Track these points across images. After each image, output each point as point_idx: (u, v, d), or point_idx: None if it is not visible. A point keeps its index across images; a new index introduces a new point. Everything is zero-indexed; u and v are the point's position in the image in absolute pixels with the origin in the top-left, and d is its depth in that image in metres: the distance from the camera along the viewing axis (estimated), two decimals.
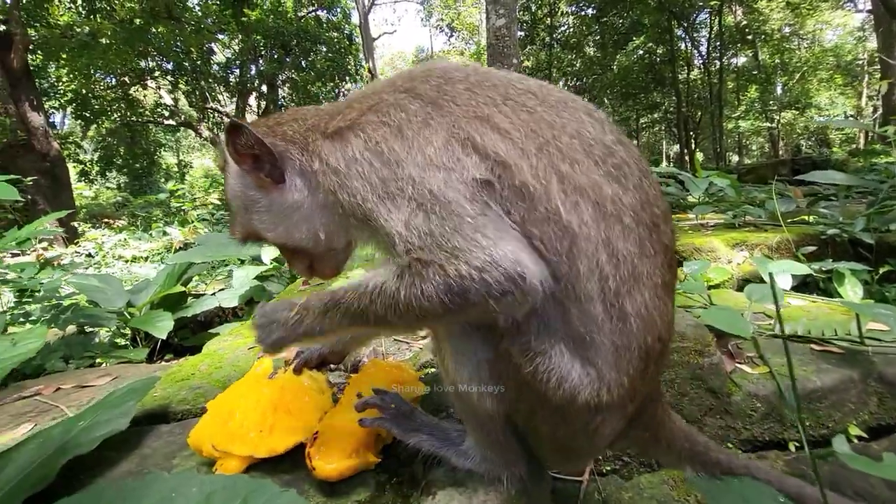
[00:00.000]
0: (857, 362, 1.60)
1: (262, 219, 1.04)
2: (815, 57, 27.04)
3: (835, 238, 3.35)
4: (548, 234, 0.83)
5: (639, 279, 0.87)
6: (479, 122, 0.86)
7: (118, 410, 1.21)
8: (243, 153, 0.98)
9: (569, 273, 0.84)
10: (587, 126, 0.91)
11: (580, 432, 0.94)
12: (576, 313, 0.86)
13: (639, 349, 0.89)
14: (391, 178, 0.84)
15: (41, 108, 11.26)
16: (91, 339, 3.05)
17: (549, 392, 0.87)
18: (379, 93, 0.95)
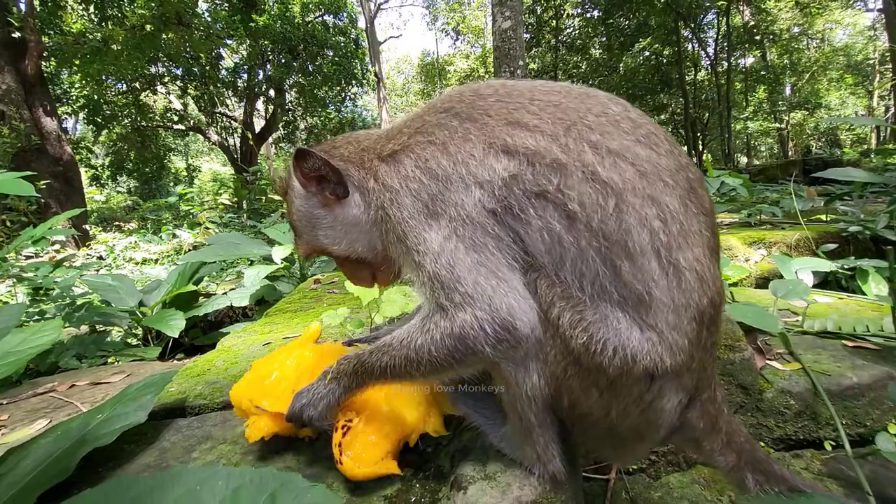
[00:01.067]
0: (894, 359, 1.54)
1: (328, 234, 1.14)
2: (825, 57, 26.75)
3: (856, 235, 3.28)
4: (587, 193, 0.87)
5: (688, 235, 0.89)
6: (511, 126, 0.94)
7: (136, 404, 1.19)
8: (309, 176, 1.08)
9: (618, 230, 0.86)
10: (611, 107, 0.97)
11: (635, 406, 0.91)
12: (629, 270, 0.87)
13: (695, 309, 0.89)
14: (438, 196, 0.93)
15: (54, 114, 11.41)
16: (104, 338, 3.04)
17: (604, 363, 0.86)
18: (422, 116, 1.05)
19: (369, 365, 0.98)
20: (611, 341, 0.86)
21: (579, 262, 0.89)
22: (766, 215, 4.70)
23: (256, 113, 21.46)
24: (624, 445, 1.02)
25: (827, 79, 27.31)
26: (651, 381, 0.89)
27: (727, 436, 1.03)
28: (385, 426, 1.01)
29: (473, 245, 0.90)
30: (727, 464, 1.02)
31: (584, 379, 0.89)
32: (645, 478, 1.41)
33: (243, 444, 1.16)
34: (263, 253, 3.93)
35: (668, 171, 0.91)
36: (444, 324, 0.89)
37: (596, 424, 0.96)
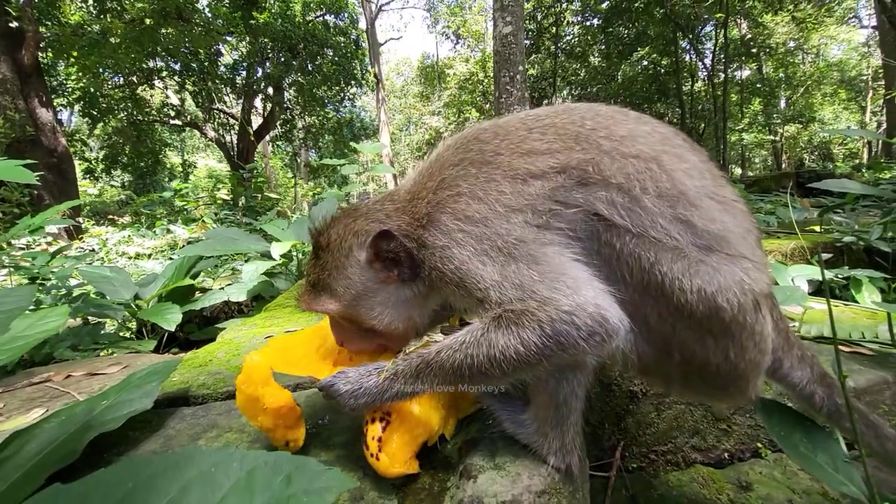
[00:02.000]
0: (889, 364, 1.57)
1: (372, 307, 1.10)
2: (820, 71, 27.18)
3: (851, 246, 3.34)
4: (625, 166, 0.95)
5: (717, 177, 1.01)
6: (525, 156, 1.01)
7: (141, 391, 1.18)
8: (381, 254, 1.06)
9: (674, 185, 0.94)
10: (598, 111, 1.09)
11: (750, 340, 0.95)
12: (699, 215, 0.93)
13: (754, 233, 1.00)
14: (484, 235, 0.96)
15: (50, 105, 11.31)
16: (99, 330, 3.02)
17: (721, 303, 0.89)
18: (439, 172, 1.08)
19: (437, 365, 0.95)
20: (721, 279, 0.90)
21: (656, 222, 0.92)
22: (762, 225, 4.76)
23: (254, 110, 21.37)
24: (745, 384, 1.02)
25: (821, 93, 27.74)
26: (758, 308, 0.95)
27: (800, 350, 1.11)
28: (416, 428, 1.00)
29: (534, 259, 0.92)
30: (802, 378, 1.10)
31: (696, 330, 0.92)
32: (644, 476, 1.43)
33: (250, 432, 1.16)
34: (261, 249, 3.92)
35: (673, 135, 1.05)
36: (529, 324, 0.88)
37: (715, 371, 0.97)
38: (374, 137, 28.21)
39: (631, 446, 1.47)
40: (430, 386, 0.97)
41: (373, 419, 1.01)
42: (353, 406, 0.99)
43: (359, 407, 0.99)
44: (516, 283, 0.90)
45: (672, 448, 1.45)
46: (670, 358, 0.96)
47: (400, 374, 0.98)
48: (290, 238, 4.04)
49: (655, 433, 1.45)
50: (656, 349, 0.95)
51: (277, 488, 0.69)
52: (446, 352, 0.94)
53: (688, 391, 1.09)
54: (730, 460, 1.46)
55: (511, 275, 0.91)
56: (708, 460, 1.46)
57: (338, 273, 1.11)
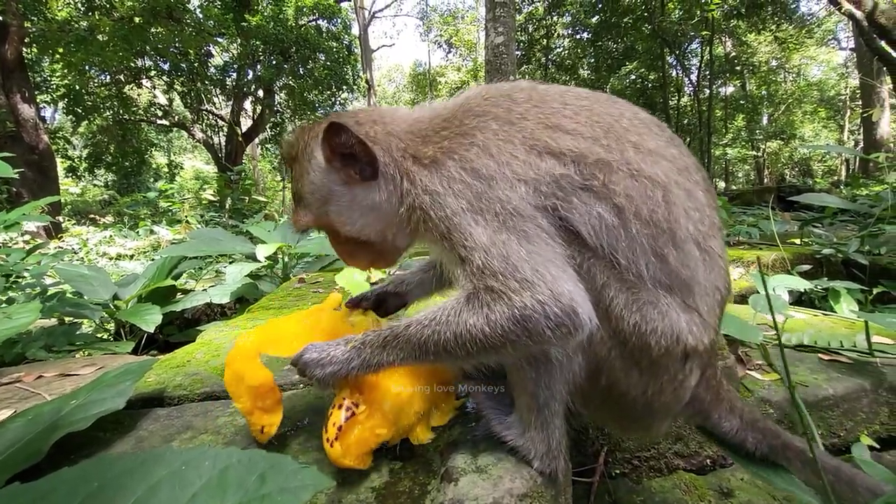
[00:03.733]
0: (867, 372, 1.60)
1: (341, 212, 1.10)
2: (800, 90, 28.02)
3: (829, 258, 3.41)
4: (633, 187, 0.93)
5: (713, 226, 1.00)
6: (550, 129, 0.98)
7: (114, 390, 1.14)
8: (336, 151, 1.05)
9: (667, 219, 0.93)
10: (638, 113, 1.07)
11: (669, 385, 0.97)
12: (676, 257, 0.94)
13: (721, 292, 1.00)
14: (485, 193, 0.93)
15: (33, 101, 11.09)
16: (75, 330, 2.93)
17: (652, 343, 0.91)
18: (460, 119, 1.04)
19: (405, 338, 0.94)
20: (661, 323, 0.91)
21: (630, 249, 0.93)
22: (744, 237, 4.85)
23: (244, 113, 21.20)
24: (652, 422, 1.06)
25: (801, 111, 28.56)
26: (686, 360, 0.96)
27: (729, 403, 1.11)
28: (381, 427, 0.97)
29: (526, 236, 0.90)
30: (732, 428, 1.10)
31: (627, 359, 0.94)
32: (628, 482, 1.42)
33: (226, 434, 1.13)
34: (246, 250, 3.86)
35: (695, 168, 1.03)
36: (499, 307, 0.87)
37: (632, 403, 1.00)
38: None
39: (614, 452, 1.46)
40: (396, 358, 0.96)
41: (339, 405, 0.99)
42: (320, 376, 0.97)
43: (325, 376, 0.97)
44: (503, 254, 0.89)
45: (655, 454, 1.45)
46: (598, 380, 0.97)
47: (367, 343, 0.97)
48: (275, 240, 3.99)
49: (639, 439, 1.45)
50: (589, 367, 0.96)
51: (251, 487, 0.67)
52: (415, 326, 0.94)
53: (601, 413, 1.12)
54: (712, 466, 1.46)
55: (500, 243, 0.89)
56: (690, 466, 1.46)
57: (305, 180, 1.12)
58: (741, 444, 1.10)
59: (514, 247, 0.89)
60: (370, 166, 1.05)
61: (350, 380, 0.99)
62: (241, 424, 1.17)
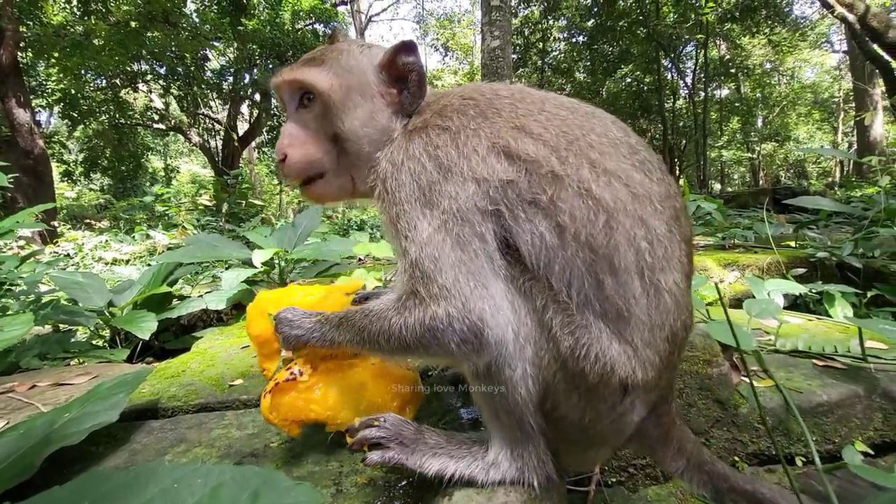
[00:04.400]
0: (861, 378, 1.60)
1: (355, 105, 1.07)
2: (794, 92, 28.20)
3: (824, 261, 3.42)
4: (579, 207, 0.90)
5: (671, 259, 0.94)
6: (517, 130, 0.96)
7: (107, 403, 1.13)
8: (395, 66, 1.07)
9: (605, 245, 0.89)
10: (613, 130, 1.02)
11: (607, 415, 0.95)
12: (612, 285, 0.90)
13: (669, 329, 0.94)
14: (437, 184, 0.94)
15: (28, 106, 11.04)
16: (69, 338, 2.91)
17: (586, 368, 0.89)
18: (448, 96, 1.07)
19: (349, 324, 1.00)
20: (593, 348, 0.89)
21: (567, 271, 0.91)
22: (740, 239, 4.86)
23: (240, 116, 21.17)
24: (590, 449, 1.06)
25: (796, 113, 28.75)
26: (624, 393, 0.94)
27: (678, 443, 1.09)
28: (317, 405, 1.05)
29: (460, 242, 0.91)
30: (677, 468, 1.10)
31: (568, 383, 0.93)
32: (624, 490, 1.42)
33: (220, 447, 1.12)
34: (242, 256, 3.84)
35: (658, 197, 0.96)
36: (416, 311, 0.91)
37: (570, 427, 0.99)
38: None
39: (610, 460, 1.46)
40: (344, 339, 1.01)
41: (288, 367, 1.08)
42: (286, 334, 1.05)
43: (290, 336, 1.05)
44: (434, 255, 0.90)
45: (651, 462, 1.45)
46: (545, 401, 0.96)
47: (328, 321, 1.04)
48: (272, 245, 3.98)
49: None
50: (538, 389, 0.95)
51: None
52: (359, 315, 0.99)
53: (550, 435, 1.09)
54: None
55: (436, 243, 0.91)
56: None
57: (347, 56, 1.10)
58: (689, 483, 1.10)
59: (447, 250, 0.90)
60: (416, 98, 1.08)
61: (310, 348, 1.07)
62: (235, 437, 1.17)
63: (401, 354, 0.98)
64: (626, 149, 0.99)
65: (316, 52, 1.14)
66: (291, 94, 1.13)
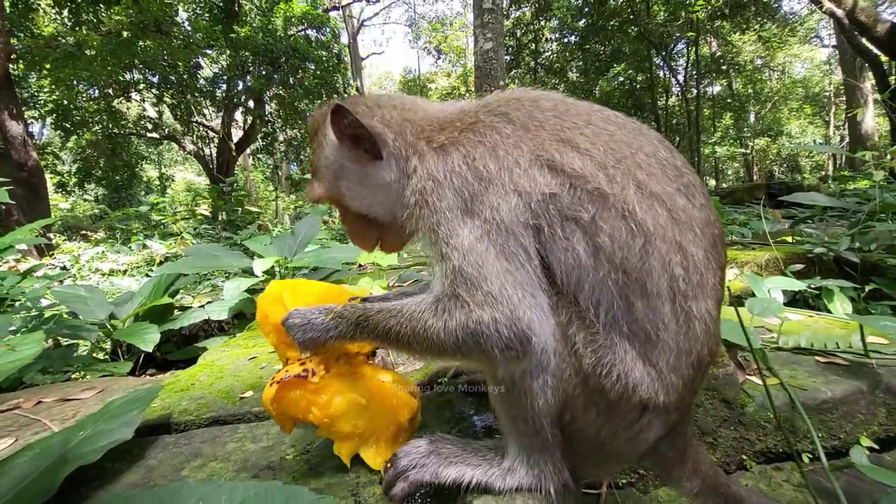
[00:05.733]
0: (864, 374, 1.62)
1: (351, 188, 1.16)
2: (786, 88, 28.44)
3: (821, 257, 3.45)
4: (619, 229, 0.91)
5: (704, 287, 0.93)
6: (562, 143, 0.96)
7: (121, 420, 1.14)
8: (345, 132, 1.10)
9: (639, 269, 0.90)
10: (661, 149, 1.01)
11: (623, 432, 0.96)
12: (642, 308, 0.91)
13: (696, 356, 0.94)
14: (479, 196, 0.94)
15: (21, 118, 10.97)
16: (72, 352, 2.90)
17: (607, 386, 0.90)
18: (476, 113, 1.05)
19: (373, 322, 0.99)
20: (616, 367, 0.90)
21: (597, 291, 0.92)
22: (737, 236, 4.90)
23: (234, 123, 21.13)
24: (603, 462, 1.07)
25: (787, 108, 28.97)
26: (643, 412, 0.94)
27: (693, 464, 1.09)
28: (318, 409, 1.05)
29: (504, 252, 0.91)
30: (692, 489, 1.10)
31: (587, 398, 0.94)
32: (635, 492, 1.43)
33: (236, 461, 1.12)
34: (243, 265, 3.85)
35: (700, 223, 0.95)
36: (459, 315, 0.90)
37: (585, 440, 0.99)
38: None
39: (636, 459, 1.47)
40: (365, 337, 1.02)
41: (302, 363, 1.08)
42: (302, 339, 1.04)
43: (307, 340, 1.04)
44: (478, 263, 0.90)
45: None
46: (563, 414, 0.97)
47: (344, 318, 1.03)
48: (272, 254, 3.98)
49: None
50: (557, 401, 0.96)
51: None
52: (385, 314, 0.99)
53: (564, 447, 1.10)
54: None
55: (480, 251, 0.91)
56: None
57: (320, 154, 1.19)
58: None
59: (491, 259, 0.90)
60: (376, 147, 1.10)
61: (326, 347, 1.08)
62: (251, 450, 1.17)
63: (432, 355, 0.97)
64: (673, 171, 0.98)
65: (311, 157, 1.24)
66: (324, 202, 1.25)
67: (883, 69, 11.43)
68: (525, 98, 1.07)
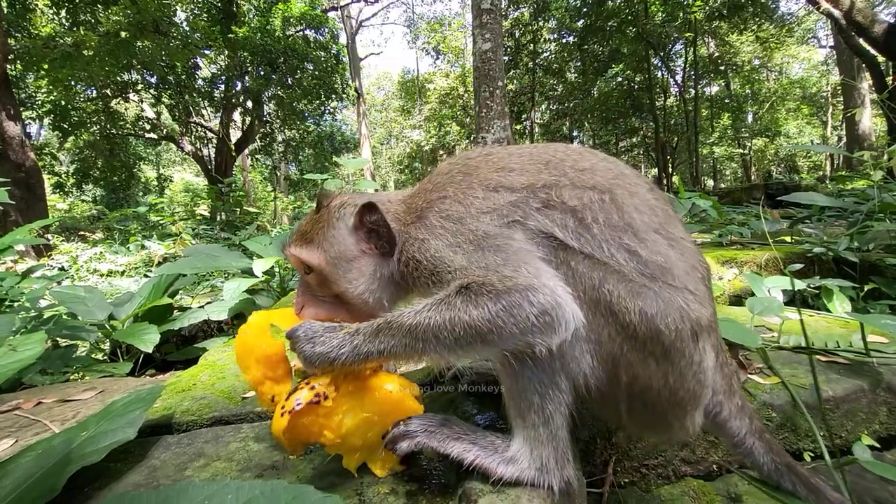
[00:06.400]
0: (864, 373, 1.63)
1: (349, 270, 1.19)
2: (783, 88, 28.51)
3: (820, 256, 3.46)
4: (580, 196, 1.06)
5: (669, 217, 1.10)
6: (499, 171, 1.15)
7: (124, 420, 1.13)
8: (366, 224, 1.18)
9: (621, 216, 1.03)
10: (571, 147, 1.23)
11: (688, 369, 0.99)
12: (644, 248, 1.01)
13: (700, 270, 1.06)
14: (458, 231, 1.06)
15: (18, 118, 10.94)
16: (71, 353, 2.89)
17: (661, 326, 0.94)
18: (434, 178, 1.24)
19: (397, 325, 0.97)
20: (662, 304, 0.96)
21: (604, 247, 1.00)
22: (736, 236, 4.91)
23: (233, 124, 21.10)
24: (681, 414, 1.05)
25: (785, 108, 29.05)
26: (696, 338, 0.99)
27: (741, 399, 1.15)
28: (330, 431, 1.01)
29: (498, 248, 1.01)
30: (740, 429, 1.13)
31: (640, 351, 0.96)
32: (637, 490, 1.44)
33: (239, 460, 1.12)
34: (243, 266, 3.84)
35: (633, 175, 1.15)
36: (488, 294, 0.93)
37: (657, 397, 1.00)
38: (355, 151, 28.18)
39: (622, 461, 1.47)
40: (387, 345, 0.98)
41: (312, 386, 1.02)
42: (309, 353, 1.00)
43: (314, 355, 1.00)
44: (482, 265, 0.98)
45: (662, 461, 1.47)
46: (618, 380, 0.99)
47: (361, 331, 1.01)
48: (271, 254, 3.98)
49: (646, 447, 1.46)
50: (607, 371, 0.98)
51: None
52: (408, 314, 0.99)
53: (632, 420, 1.10)
54: (719, 472, 1.48)
55: (477, 260, 1.00)
56: (698, 473, 1.47)
57: (328, 229, 1.22)
58: (749, 453, 1.12)
59: (491, 257, 0.99)
60: (389, 245, 1.18)
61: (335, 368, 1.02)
62: (254, 450, 1.17)
63: (467, 344, 0.94)
64: (589, 154, 1.20)
65: (308, 226, 1.26)
66: (296, 265, 1.26)
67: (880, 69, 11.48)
68: (459, 158, 1.28)
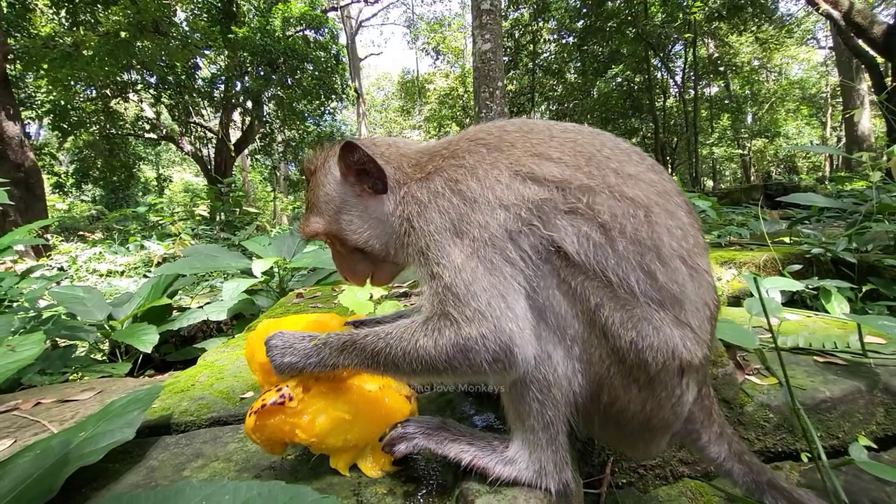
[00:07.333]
0: (862, 374, 1.63)
1: (351, 221, 1.19)
2: (783, 89, 28.53)
3: (819, 257, 3.47)
4: (616, 206, 0.98)
5: (699, 245, 1.04)
6: (535, 157, 1.04)
7: (123, 420, 1.14)
8: (351, 167, 1.16)
9: (650, 236, 0.97)
10: (619, 144, 1.12)
11: (667, 401, 0.99)
12: (664, 273, 0.96)
13: (710, 308, 1.03)
14: (466, 216, 0.99)
15: (18, 118, 10.93)
16: (70, 353, 2.89)
17: (648, 359, 0.93)
18: (456, 143, 1.15)
19: (360, 346, 0.99)
20: (656, 338, 0.94)
21: (620, 266, 0.96)
22: (735, 237, 4.92)
23: (232, 124, 21.09)
24: (652, 439, 1.07)
25: (784, 109, 29.07)
26: (682, 375, 0.98)
27: (720, 427, 1.14)
28: (303, 431, 1.02)
29: (492, 268, 0.96)
30: (719, 454, 1.13)
31: (626, 376, 0.96)
32: (634, 491, 1.44)
33: (237, 461, 1.13)
34: (242, 266, 3.84)
35: (675, 193, 1.06)
36: (449, 332, 0.93)
37: (631, 420, 1.01)
38: None
39: (620, 462, 1.48)
40: (350, 363, 1.00)
41: (279, 389, 1.05)
42: (279, 363, 1.03)
43: (285, 364, 1.02)
44: (468, 281, 0.94)
45: (660, 462, 1.47)
46: (599, 399, 1.00)
47: (328, 344, 1.02)
48: (271, 255, 3.98)
49: (639, 457, 1.46)
50: (591, 387, 0.99)
51: None
52: (372, 337, 1.00)
53: (602, 432, 1.12)
54: (716, 473, 1.48)
55: (469, 269, 0.95)
56: (695, 473, 1.48)
57: (320, 190, 1.22)
58: (728, 473, 1.13)
59: (480, 275, 0.95)
60: (380, 181, 1.15)
61: (304, 375, 1.05)
62: (252, 451, 1.17)
63: (424, 375, 0.98)
64: (636, 156, 1.09)
65: (306, 198, 1.27)
66: (319, 239, 1.28)
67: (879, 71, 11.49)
68: (492, 126, 1.17)
